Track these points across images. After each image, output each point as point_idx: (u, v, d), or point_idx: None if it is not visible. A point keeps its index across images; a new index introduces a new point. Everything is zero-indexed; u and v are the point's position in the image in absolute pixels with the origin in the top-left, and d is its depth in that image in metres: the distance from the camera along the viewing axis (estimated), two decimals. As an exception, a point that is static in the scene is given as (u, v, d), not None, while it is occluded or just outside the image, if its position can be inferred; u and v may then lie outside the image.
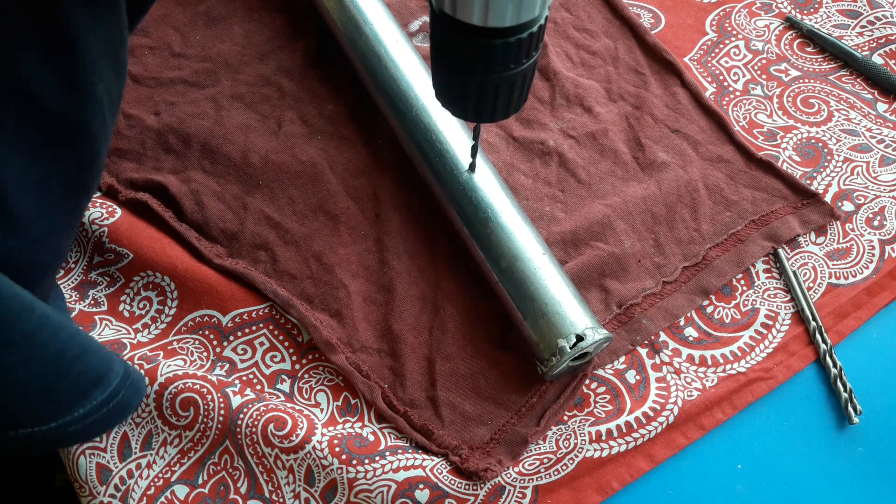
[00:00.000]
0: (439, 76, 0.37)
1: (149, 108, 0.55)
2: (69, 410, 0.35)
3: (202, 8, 0.60)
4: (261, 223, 0.50)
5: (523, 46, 0.32)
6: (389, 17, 0.53)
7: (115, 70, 0.33)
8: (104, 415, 0.37)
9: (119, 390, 0.37)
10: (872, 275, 0.49)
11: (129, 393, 0.38)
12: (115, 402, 0.37)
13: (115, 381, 0.37)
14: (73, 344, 0.33)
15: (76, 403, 0.35)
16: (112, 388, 0.37)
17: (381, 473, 0.41)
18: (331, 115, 0.55)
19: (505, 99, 0.36)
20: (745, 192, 0.52)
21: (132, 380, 0.38)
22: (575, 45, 0.60)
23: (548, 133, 0.55)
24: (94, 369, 0.36)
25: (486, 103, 0.37)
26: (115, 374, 0.37)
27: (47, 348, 0.32)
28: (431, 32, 0.34)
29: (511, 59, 0.33)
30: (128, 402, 0.38)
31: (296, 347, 0.47)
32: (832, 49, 0.59)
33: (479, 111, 0.38)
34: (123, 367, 0.38)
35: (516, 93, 0.37)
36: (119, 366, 0.37)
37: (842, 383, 0.45)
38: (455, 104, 0.38)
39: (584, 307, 0.43)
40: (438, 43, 0.34)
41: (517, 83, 0.35)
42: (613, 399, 0.45)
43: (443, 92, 0.38)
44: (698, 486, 0.43)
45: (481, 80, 0.34)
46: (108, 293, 0.48)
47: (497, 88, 0.35)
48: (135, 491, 0.42)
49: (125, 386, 0.38)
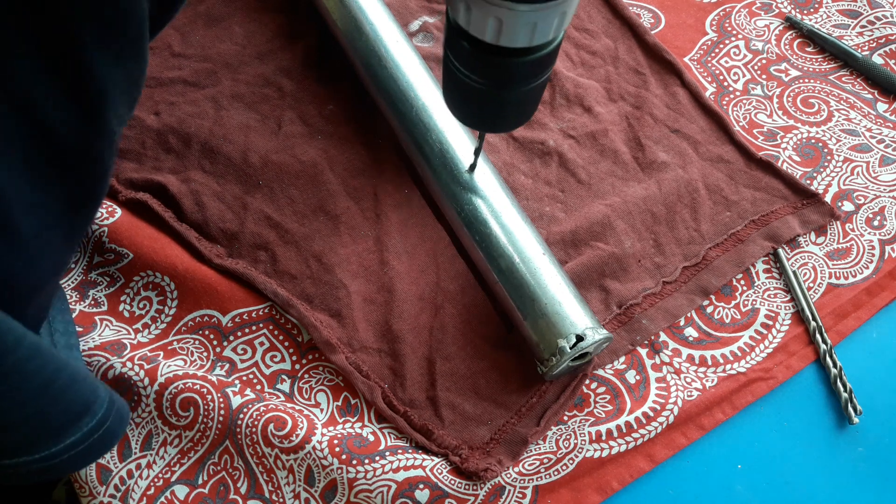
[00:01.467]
0: (450, 87, 0.36)
1: (149, 108, 0.55)
2: (59, 439, 0.35)
3: (202, 8, 0.60)
4: (261, 223, 0.50)
5: (536, 66, 0.32)
6: (389, 17, 0.53)
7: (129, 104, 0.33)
8: (94, 442, 0.37)
9: (107, 418, 0.37)
10: (872, 275, 0.49)
11: (115, 419, 0.38)
12: (103, 430, 0.37)
13: (101, 410, 0.37)
14: (62, 374, 0.34)
15: (66, 432, 0.35)
16: (100, 415, 0.37)
17: (381, 473, 0.41)
18: (331, 115, 0.55)
19: (514, 113, 0.36)
20: (745, 192, 0.52)
21: (117, 407, 0.38)
22: (575, 45, 0.60)
23: (548, 133, 0.54)
24: (82, 398, 0.36)
25: (495, 117, 0.36)
26: (101, 402, 0.37)
27: (37, 378, 0.32)
28: (445, 40, 0.34)
29: (523, 78, 0.33)
30: (115, 428, 0.38)
31: (296, 347, 0.47)
32: (832, 49, 0.59)
33: (486, 122, 0.38)
34: (108, 395, 0.38)
35: (525, 107, 0.36)
36: (104, 392, 0.38)
37: (842, 383, 0.45)
38: (464, 115, 0.38)
39: (584, 307, 0.43)
40: (451, 52, 0.34)
41: (527, 99, 0.35)
42: (613, 399, 0.45)
43: (453, 102, 0.38)
44: (698, 486, 0.43)
45: (491, 94, 0.34)
46: (108, 293, 0.48)
47: (506, 103, 0.35)
48: (135, 491, 0.42)
49: (112, 413, 0.37)
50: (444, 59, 0.35)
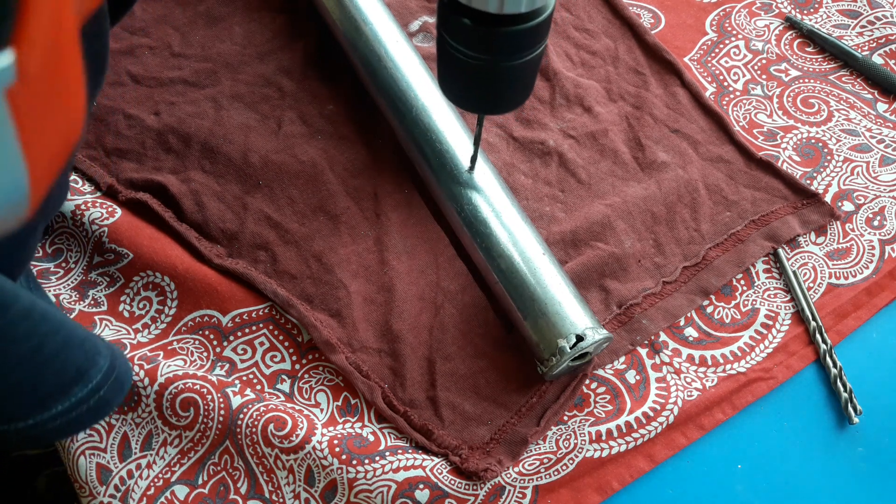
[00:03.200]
0: (447, 68, 0.37)
1: (149, 108, 0.55)
2: (47, 407, 0.33)
3: (202, 8, 0.60)
4: (261, 223, 0.50)
5: (534, 34, 0.33)
6: (389, 17, 0.53)
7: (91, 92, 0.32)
8: (84, 411, 0.35)
9: (101, 386, 0.35)
10: (872, 275, 0.49)
11: (112, 388, 0.36)
12: (96, 399, 0.35)
13: (96, 378, 0.35)
14: (54, 338, 0.32)
15: (55, 400, 0.34)
16: (93, 384, 0.35)
17: (381, 473, 0.41)
18: (331, 115, 0.55)
19: (511, 90, 0.37)
20: (745, 192, 0.52)
21: (116, 375, 0.37)
22: (575, 45, 0.60)
23: (548, 133, 0.54)
24: (74, 365, 0.34)
25: (493, 95, 0.37)
26: (97, 370, 0.35)
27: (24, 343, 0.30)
28: (439, 23, 0.34)
29: (521, 47, 0.33)
30: (110, 397, 0.36)
31: (296, 347, 0.47)
32: (832, 49, 0.59)
33: (485, 103, 0.38)
34: (108, 362, 0.36)
35: (523, 83, 0.37)
36: (104, 360, 0.36)
37: (842, 383, 0.45)
38: (461, 96, 0.38)
39: (584, 307, 0.43)
40: (448, 33, 0.34)
41: (524, 72, 0.35)
42: (613, 399, 0.45)
43: (449, 84, 0.38)
44: (698, 486, 0.43)
45: (490, 69, 0.34)
46: (108, 293, 0.48)
47: (505, 78, 0.35)
48: (135, 491, 0.42)
49: (108, 382, 0.36)
50: (440, 43, 0.35)
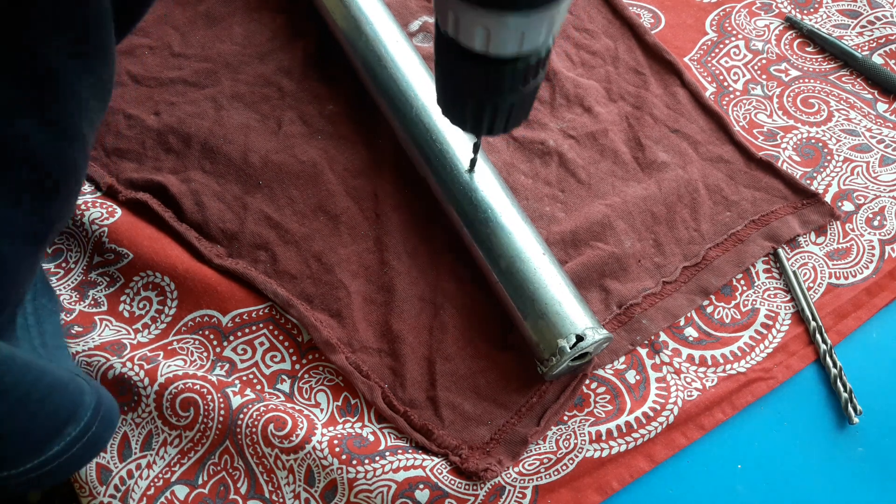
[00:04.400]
0: (442, 90, 0.36)
1: (149, 108, 0.55)
2: (43, 451, 0.34)
3: (202, 8, 0.60)
4: (261, 223, 0.50)
5: (525, 73, 0.32)
6: (389, 18, 0.53)
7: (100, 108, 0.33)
8: (79, 450, 0.36)
9: (91, 425, 0.36)
10: (872, 275, 0.49)
11: (101, 426, 0.37)
12: (87, 437, 0.36)
13: (86, 416, 0.36)
14: (40, 385, 0.33)
15: (50, 442, 0.34)
16: (84, 422, 0.36)
17: (381, 473, 0.41)
18: (331, 115, 0.55)
19: (505, 117, 0.36)
20: (745, 192, 0.52)
21: (103, 413, 0.38)
22: (575, 45, 0.60)
23: (548, 133, 0.54)
24: (64, 407, 0.35)
25: (487, 120, 0.36)
26: (85, 409, 0.36)
27: (13, 392, 0.31)
28: (436, 48, 0.34)
29: (512, 85, 0.33)
30: (101, 434, 0.37)
31: (296, 347, 0.47)
32: (832, 49, 0.59)
33: (480, 127, 0.38)
34: (94, 399, 0.37)
35: (519, 112, 0.36)
36: (90, 398, 0.37)
37: (842, 383, 0.45)
38: (457, 118, 0.38)
39: (584, 307, 0.43)
40: (442, 61, 0.34)
41: (519, 104, 0.35)
42: (613, 399, 0.45)
43: (446, 106, 0.38)
44: (698, 486, 0.43)
45: (482, 100, 0.34)
46: (108, 293, 0.48)
47: (498, 109, 0.35)
48: (135, 491, 0.42)
49: (96, 420, 0.37)
50: (436, 64, 0.35)
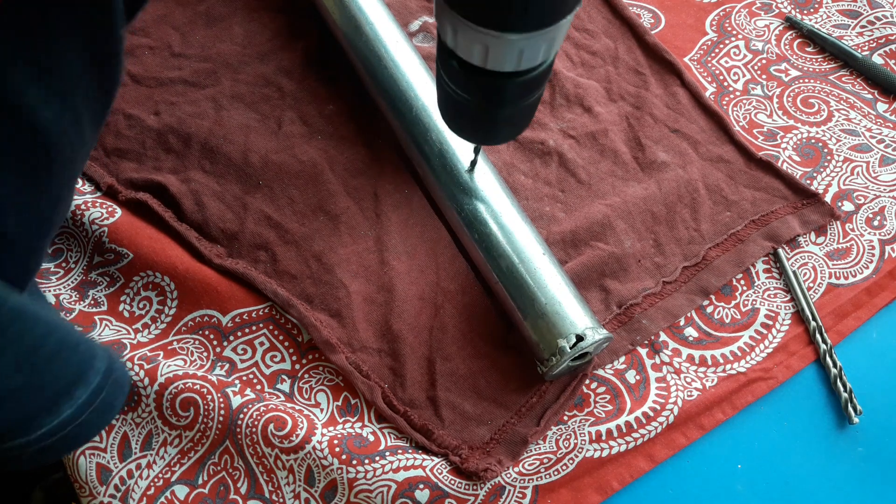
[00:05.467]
0: (443, 100, 0.36)
1: (149, 108, 0.55)
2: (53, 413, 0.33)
3: (202, 8, 0.60)
4: (261, 223, 0.50)
5: (524, 88, 0.32)
6: (389, 18, 0.53)
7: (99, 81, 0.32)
8: (90, 416, 0.35)
9: (102, 387, 0.35)
10: (872, 275, 0.49)
11: (112, 390, 0.36)
12: (99, 401, 0.35)
13: (96, 379, 0.35)
14: (50, 338, 0.32)
15: (60, 404, 0.33)
16: (94, 385, 0.35)
17: (381, 473, 0.41)
18: (331, 115, 0.55)
19: (506, 129, 0.36)
20: (745, 192, 0.52)
21: (115, 376, 0.37)
22: (575, 45, 0.60)
23: (548, 133, 0.54)
24: (73, 366, 0.34)
25: (487, 131, 0.36)
26: (95, 373, 0.35)
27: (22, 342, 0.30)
28: (437, 57, 0.34)
29: (511, 98, 0.33)
30: (112, 400, 0.36)
31: (296, 347, 0.47)
32: (832, 49, 0.59)
33: (479, 136, 0.38)
34: (105, 364, 0.36)
35: (518, 123, 0.36)
36: (101, 363, 0.36)
37: (842, 383, 0.45)
38: (458, 129, 0.38)
39: (584, 307, 0.43)
40: (442, 70, 0.34)
41: (519, 116, 0.35)
42: (613, 399, 0.45)
43: (447, 116, 0.38)
44: (698, 486, 0.43)
45: (482, 111, 0.34)
46: (108, 293, 0.48)
47: (497, 120, 0.35)
48: (135, 491, 0.42)
49: (107, 383, 0.36)
50: (437, 74, 0.35)
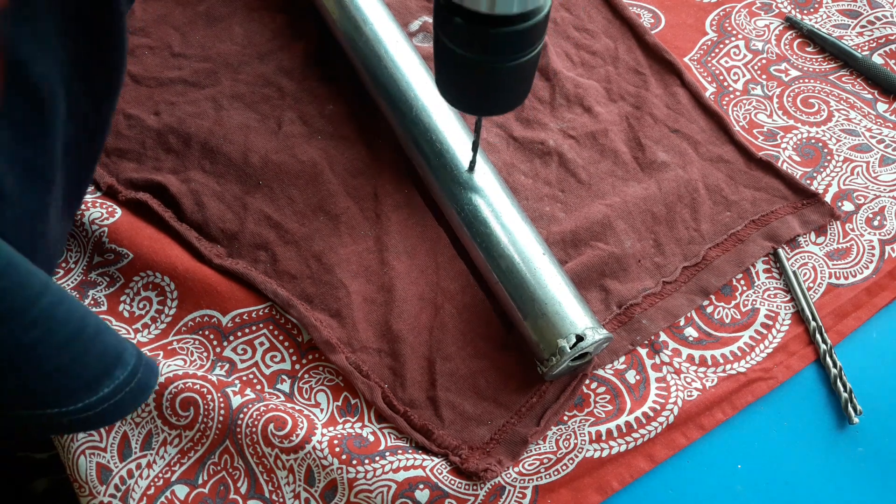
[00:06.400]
0: (443, 69, 0.37)
1: (149, 108, 0.55)
2: (95, 390, 0.35)
3: (202, 8, 0.60)
4: (261, 223, 0.50)
5: (528, 35, 0.32)
6: (389, 17, 0.53)
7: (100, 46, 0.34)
8: (128, 394, 0.37)
9: (137, 369, 0.37)
10: (872, 275, 0.49)
11: (146, 372, 0.38)
12: (136, 381, 0.37)
13: (132, 360, 0.37)
14: (89, 321, 0.34)
15: (100, 382, 0.35)
16: (131, 366, 0.37)
17: (381, 473, 0.41)
18: (331, 115, 0.55)
19: (508, 90, 0.36)
20: (745, 192, 0.52)
21: (146, 360, 0.38)
22: (575, 45, 0.60)
23: (548, 133, 0.54)
24: (112, 347, 0.36)
25: (490, 95, 0.37)
26: (130, 354, 0.37)
27: (67, 325, 0.32)
28: (435, 23, 0.34)
29: (516, 49, 0.33)
30: (146, 381, 0.38)
31: (296, 347, 0.47)
32: (832, 49, 0.59)
33: (482, 104, 0.38)
34: (136, 348, 0.38)
35: (520, 84, 0.36)
36: (131, 346, 0.38)
37: (842, 383, 0.45)
38: (458, 97, 0.38)
39: (584, 307, 0.43)
40: (444, 33, 0.34)
41: (521, 74, 0.35)
42: (613, 399, 0.45)
43: (446, 85, 0.38)
44: (698, 486, 0.43)
45: (486, 70, 0.34)
46: (108, 293, 0.48)
47: (501, 79, 0.35)
48: (135, 491, 0.42)
49: (142, 365, 0.38)
50: (436, 41, 0.35)
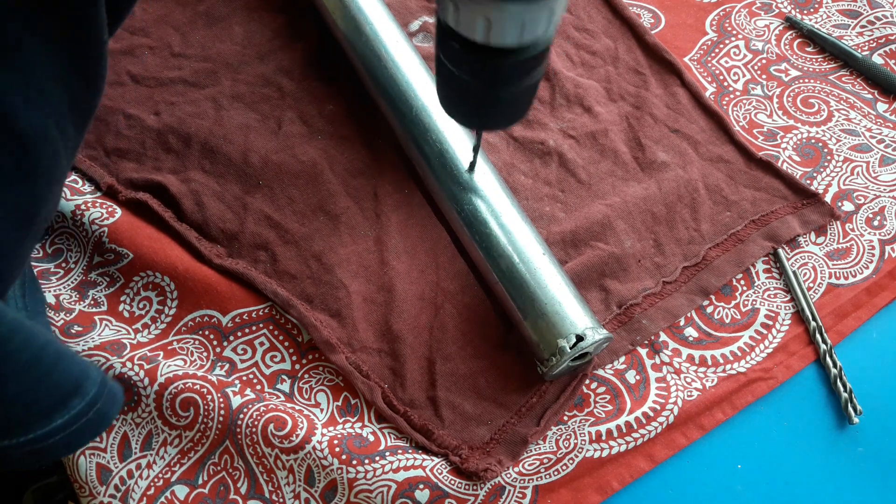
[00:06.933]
0: (444, 86, 0.36)
1: (149, 108, 0.55)
2: (47, 420, 0.34)
3: (202, 8, 0.60)
4: (261, 223, 0.50)
5: (526, 66, 0.32)
6: (389, 18, 0.53)
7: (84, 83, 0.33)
8: (84, 424, 0.36)
9: (97, 399, 0.36)
10: (872, 275, 0.49)
11: (107, 401, 0.37)
12: (94, 411, 0.36)
13: (92, 390, 0.36)
14: (48, 351, 0.33)
15: (55, 412, 0.34)
16: (90, 396, 0.36)
17: (381, 473, 0.41)
18: (331, 115, 0.55)
19: (507, 111, 0.36)
20: (745, 192, 0.52)
21: (108, 388, 0.38)
22: (575, 45, 0.60)
23: (548, 133, 0.54)
24: (71, 377, 0.35)
25: (489, 114, 0.36)
26: (91, 383, 0.36)
27: (21, 355, 0.31)
28: (436, 41, 0.34)
29: (514, 78, 0.33)
30: (106, 410, 0.37)
31: (296, 347, 0.47)
32: (832, 49, 0.59)
33: (481, 121, 0.38)
34: (100, 376, 0.37)
35: (519, 106, 0.36)
36: (96, 374, 0.37)
37: (842, 383, 0.45)
38: (458, 113, 0.38)
39: (584, 307, 0.43)
40: (442, 52, 0.34)
41: (521, 97, 0.35)
42: (613, 399, 0.45)
43: (447, 100, 0.38)
44: (698, 486, 0.43)
45: (483, 92, 0.34)
46: (108, 293, 0.48)
47: (499, 102, 0.35)
48: (135, 491, 0.42)
49: (103, 394, 0.37)
50: (437, 57, 0.35)
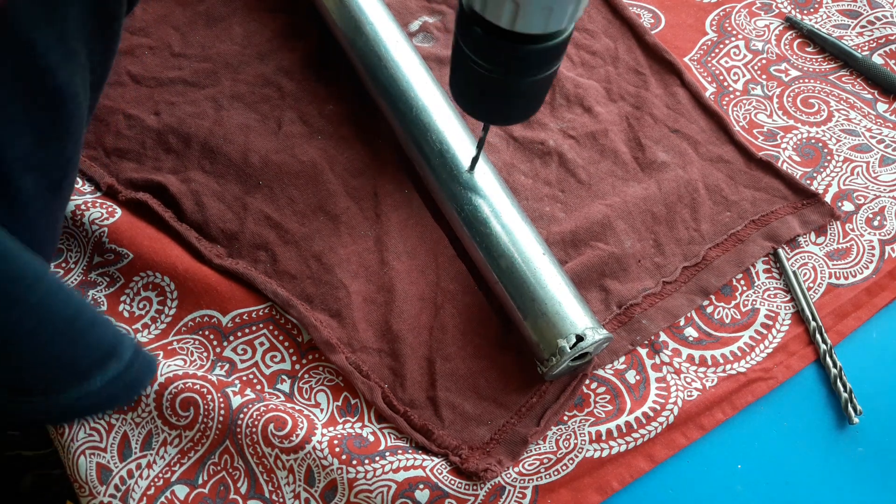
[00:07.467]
0: (459, 77, 0.36)
1: (149, 108, 0.55)
2: (87, 379, 0.35)
3: (202, 8, 0.60)
4: (261, 223, 0.50)
5: (548, 55, 0.32)
6: (389, 18, 0.53)
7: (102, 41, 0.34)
8: (121, 388, 0.37)
9: (133, 363, 0.38)
10: (872, 275, 0.49)
11: (142, 367, 0.39)
12: (130, 376, 0.38)
13: (128, 354, 0.37)
14: (84, 313, 0.34)
15: (94, 372, 0.36)
16: (126, 360, 0.37)
17: (381, 473, 0.41)
18: (331, 115, 0.55)
19: (522, 104, 0.36)
20: (745, 192, 0.52)
21: (143, 355, 0.39)
22: (575, 45, 0.60)
23: (548, 133, 0.54)
24: (107, 340, 0.36)
25: (504, 107, 0.36)
26: (126, 348, 0.37)
27: (61, 315, 0.32)
28: (456, 30, 0.34)
29: (534, 67, 0.33)
30: (141, 376, 0.39)
31: (296, 347, 0.47)
32: (832, 49, 0.59)
33: (495, 115, 0.38)
34: (133, 343, 0.39)
35: (534, 99, 0.36)
36: (129, 340, 0.38)
37: (842, 383, 0.45)
38: (471, 106, 0.38)
39: (584, 307, 0.43)
40: (463, 41, 0.34)
41: (537, 89, 0.35)
42: (613, 399, 0.45)
43: (460, 93, 0.38)
44: (698, 486, 0.43)
45: (503, 83, 0.34)
46: (108, 293, 0.48)
47: (516, 93, 0.35)
48: (135, 491, 0.42)
49: (138, 359, 0.38)
50: (455, 47, 0.35)
